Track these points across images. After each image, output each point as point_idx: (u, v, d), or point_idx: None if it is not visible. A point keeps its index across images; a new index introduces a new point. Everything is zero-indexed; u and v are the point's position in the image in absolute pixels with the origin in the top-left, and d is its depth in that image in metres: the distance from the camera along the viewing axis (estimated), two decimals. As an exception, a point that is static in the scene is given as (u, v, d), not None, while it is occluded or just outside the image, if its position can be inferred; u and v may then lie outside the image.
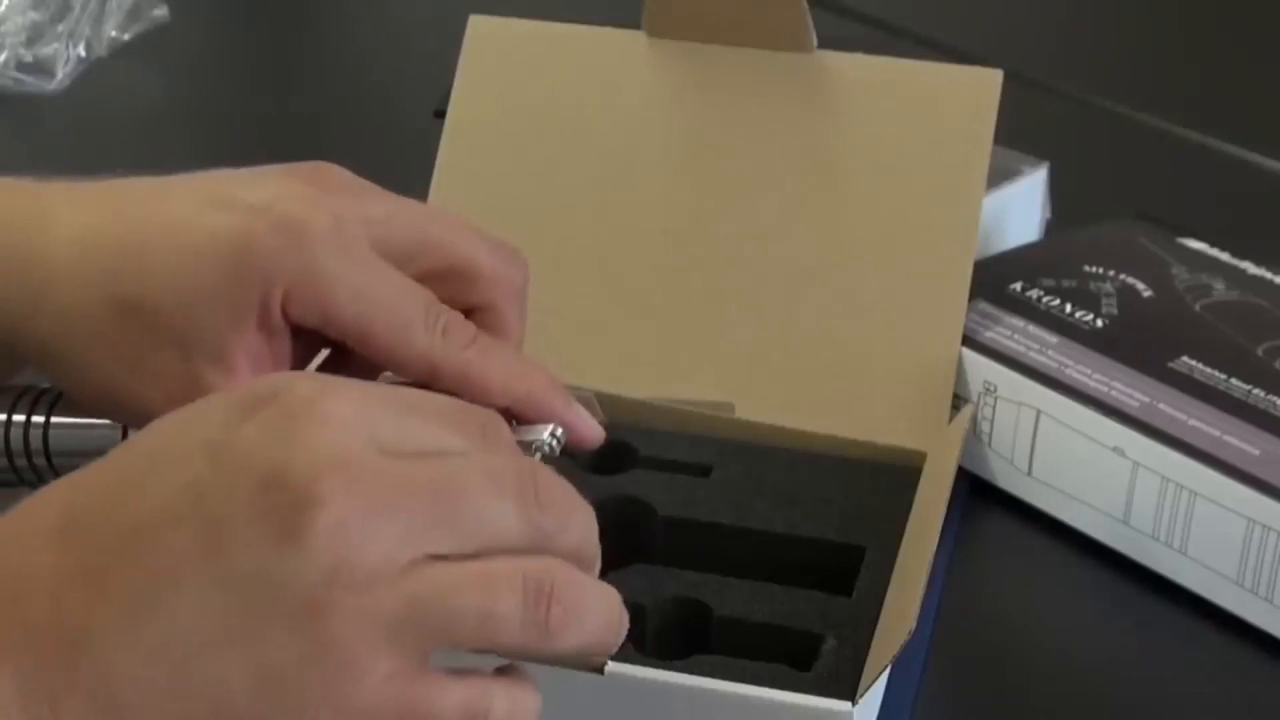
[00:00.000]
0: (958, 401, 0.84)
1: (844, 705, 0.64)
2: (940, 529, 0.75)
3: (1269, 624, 0.76)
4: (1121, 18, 1.44)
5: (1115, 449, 0.80)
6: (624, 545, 0.76)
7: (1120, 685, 0.75)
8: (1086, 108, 1.23)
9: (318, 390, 0.50)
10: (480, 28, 0.91)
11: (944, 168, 0.85)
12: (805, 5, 0.87)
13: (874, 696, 0.66)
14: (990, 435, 0.84)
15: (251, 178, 0.63)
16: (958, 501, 0.83)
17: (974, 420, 0.83)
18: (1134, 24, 1.43)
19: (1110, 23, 1.43)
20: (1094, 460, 0.80)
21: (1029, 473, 0.83)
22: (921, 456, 0.80)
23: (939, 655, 0.75)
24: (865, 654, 0.68)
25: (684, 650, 0.69)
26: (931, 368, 0.83)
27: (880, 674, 0.64)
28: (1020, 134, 0.88)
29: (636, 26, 0.90)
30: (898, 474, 0.80)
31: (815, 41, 0.87)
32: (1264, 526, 0.75)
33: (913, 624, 0.66)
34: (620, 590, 0.72)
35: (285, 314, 0.60)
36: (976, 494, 0.85)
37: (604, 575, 0.72)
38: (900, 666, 0.73)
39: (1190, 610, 0.78)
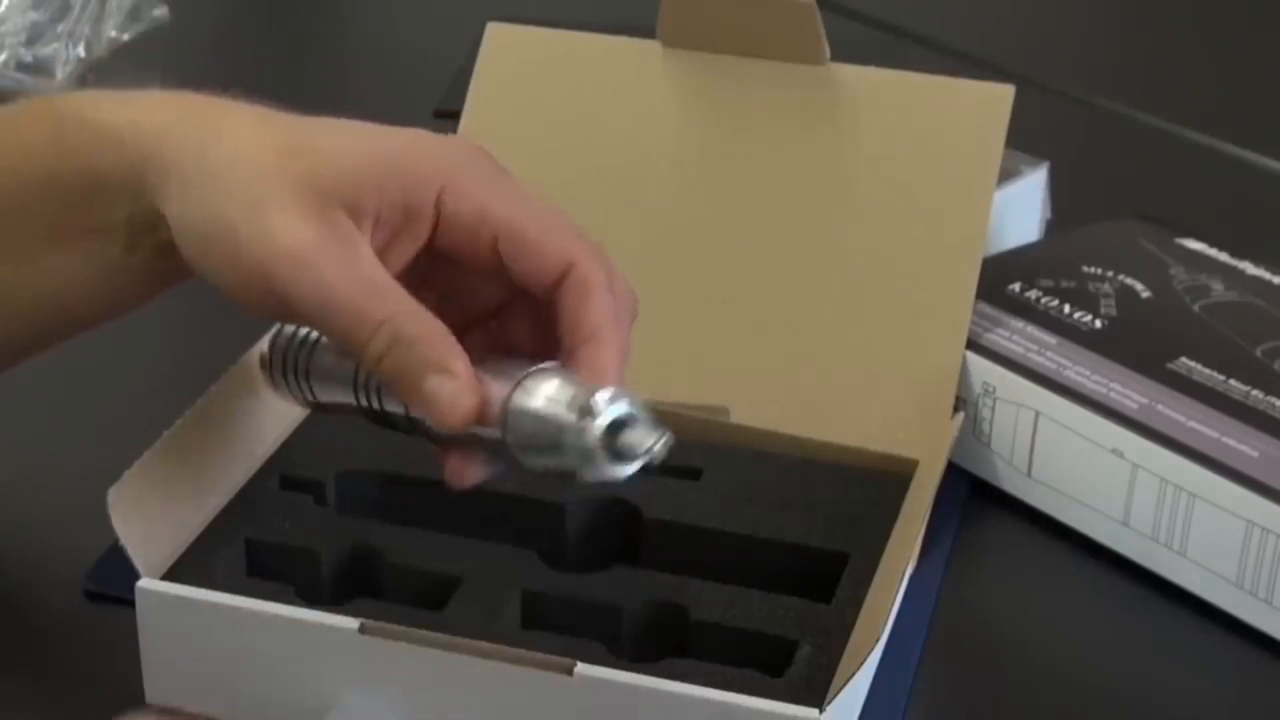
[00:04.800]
0: (960, 403, 0.84)
1: (811, 712, 0.64)
2: (919, 539, 0.76)
3: (1268, 625, 0.76)
4: (1122, 18, 1.44)
5: (1114, 450, 0.80)
6: (608, 547, 0.76)
7: (1119, 686, 0.75)
8: (1086, 108, 1.23)
9: None
10: (497, 35, 0.92)
11: (952, 182, 0.86)
12: (819, 18, 0.87)
13: (846, 704, 0.66)
14: (990, 436, 0.84)
15: None
16: (958, 502, 0.84)
17: (964, 430, 0.83)
18: (1134, 24, 1.43)
19: (1111, 23, 1.43)
20: (1093, 462, 0.80)
21: (1028, 474, 0.83)
22: (914, 465, 0.80)
23: (937, 656, 0.75)
24: (840, 662, 0.68)
25: (659, 653, 0.69)
26: (933, 378, 0.83)
27: (847, 683, 0.64)
28: (1020, 134, 0.88)
29: (652, 34, 0.90)
30: (890, 482, 0.80)
31: (829, 54, 0.87)
32: (1263, 528, 0.75)
33: (880, 635, 0.66)
34: (598, 592, 0.72)
35: (439, 202, 0.65)
36: (976, 494, 0.85)
37: (585, 576, 0.73)
38: (889, 671, 0.73)
39: (1190, 611, 0.78)
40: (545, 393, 0.64)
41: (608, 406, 0.63)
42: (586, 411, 0.63)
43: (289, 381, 0.72)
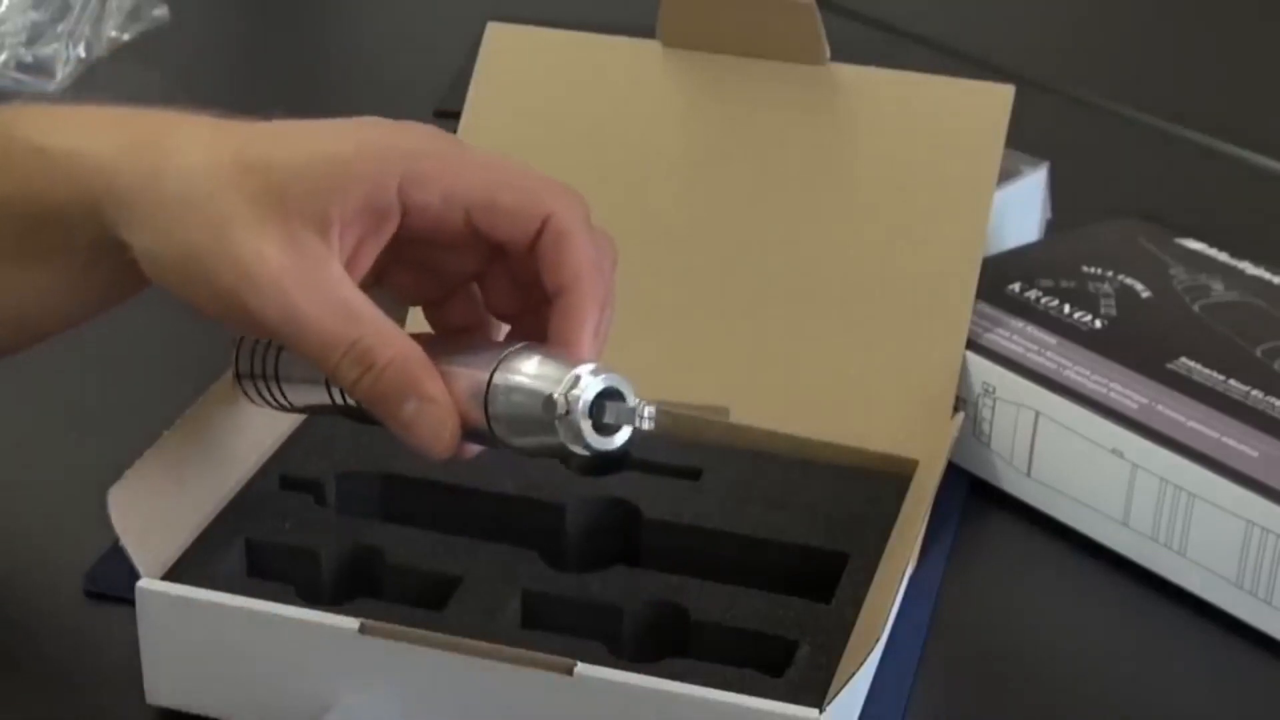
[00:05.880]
0: (960, 403, 0.84)
1: (811, 712, 0.64)
2: (919, 539, 0.76)
3: (1268, 625, 0.76)
4: (1122, 18, 1.44)
5: (1114, 450, 0.80)
6: (608, 547, 0.76)
7: (1119, 686, 0.75)
8: (1086, 108, 1.23)
9: None
10: (497, 35, 0.92)
11: (953, 181, 0.86)
12: (819, 18, 0.87)
13: (846, 704, 0.66)
14: (990, 436, 0.84)
15: None
16: (958, 502, 0.84)
17: (964, 430, 0.83)
18: (1134, 24, 1.43)
19: (1110, 23, 1.43)
20: (1093, 462, 0.80)
21: (1028, 474, 0.83)
22: (914, 464, 0.80)
23: (936, 655, 0.75)
24: (840, 662, 0.68)
25: (659, 653, 0.69)
26: (933, 378, 0.83)
27: (847, 683, 0.64)
28: (1020, 134, 0.88)
29: (651, 34, 0.90)
30: (890, 481, 0.80)
31: (829, 54, 0.87)
32: (1262, 529, 0.75)
33: (880, 634, 0.66)
34: (598, 592, 0.72)
35: (403, 193, 0.65)
36: (976, 494, 0.85)
37: (585, 576, 0.73)
38: (889, 671, 0.73)
39: (1189, 611, 0.78)
40: (528, 370, 0.64)
41: (591, 379, 0.63)
42: (571, 385, 0.63)
43: (259, 388, 0.72)
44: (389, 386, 0.64)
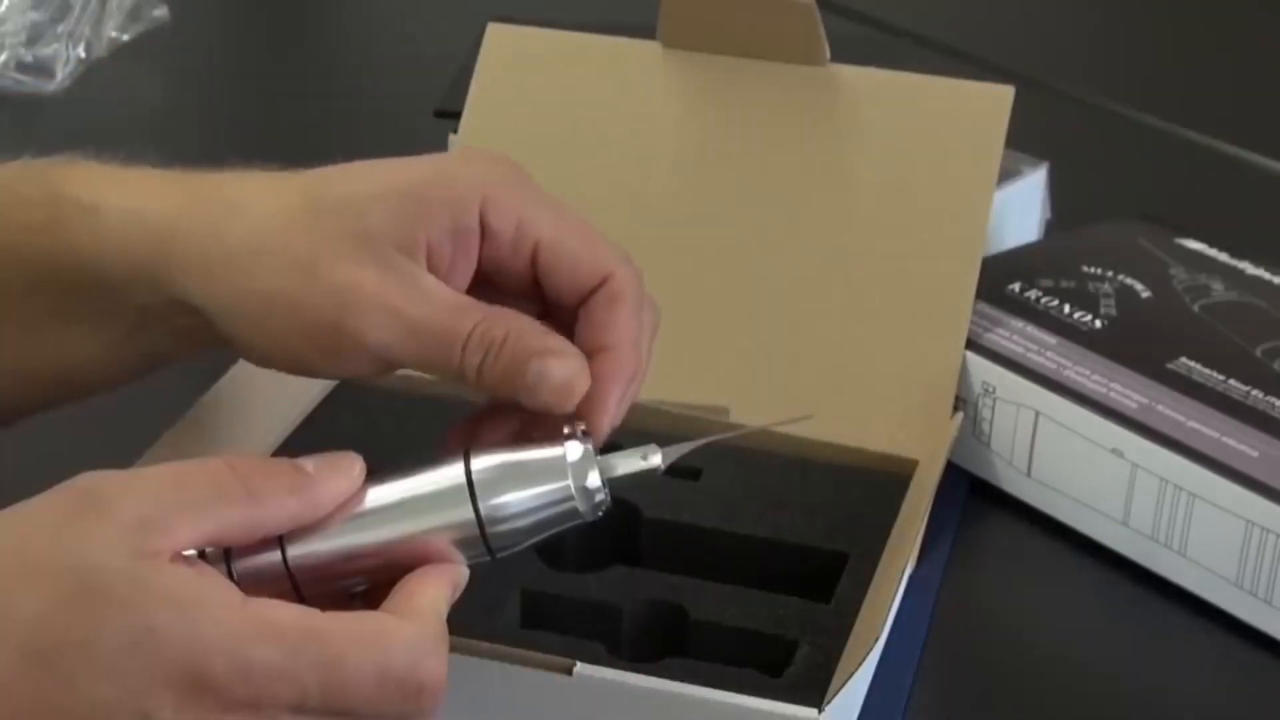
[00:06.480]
0: (960, 403, 0.84)
1: (810, 712, 0.64)
2: (919, 539, 0.76)
3: (1268, 625, 0.76)
4: (1122, 18, 1.44)
5: (1114, 450, 0.80)
6: (607, 547, 0.76)
7: (1119, 686, 0.75)
8: (1086, 108, 1.24)
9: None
10: (497, 35, 0.92)
11: (953, 182, 0.86)
12: (819, 19, 0.87)
13: (845, 704, 0.66)
14: (990, 436, 0.84)
15: None
16: (958, 502, 0.84)
17: (963, 429, 0.83)
18: (1135, 24, 1.43)
19: (1110, 23, 1.43)
20: (1093, 461, 0.80)
21: (1028, 474, 0.83)
22: (914, 464, 0.80)
23: (936, 655, 0.75)
24: (839, 661, 0.68)
25: (658, 653, 0.69)
26: (933, 378, 0.83)
27: (846, 682, 0.64)
28: (1020, 134, 0.88)
29: (652, 34, 0.90)
30: (889, 481, 0.80)
31: (829, 54, 0.87)
32: (1262, 528, 0.75)
33: (880, 634, 0.67)
34: (597, 592, 0.72)
35: (483, 218, 0.64)
36: (976, 494, 0.85)
37: (585, 576, 0.73)
38: (889, 671, 0.73)
39: (1189, 611, 0.78)
40: (512, 476, 0.61)
41: (579, 448, 0.61)
42: (560, 472, 0.61)
43: None
44: (509, 358, 0.62)
